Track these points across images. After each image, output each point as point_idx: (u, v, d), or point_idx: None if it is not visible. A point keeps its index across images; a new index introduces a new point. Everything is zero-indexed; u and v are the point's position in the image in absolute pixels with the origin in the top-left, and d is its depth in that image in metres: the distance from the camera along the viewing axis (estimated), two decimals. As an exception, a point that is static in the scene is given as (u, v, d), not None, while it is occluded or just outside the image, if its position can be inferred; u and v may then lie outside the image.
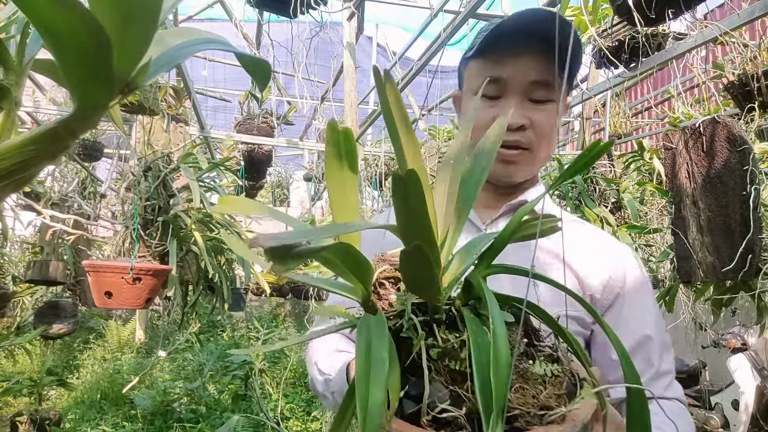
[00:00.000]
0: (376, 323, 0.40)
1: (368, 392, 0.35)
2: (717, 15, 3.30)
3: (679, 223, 1.58)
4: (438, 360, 0.41)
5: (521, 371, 0.41)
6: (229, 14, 3.20)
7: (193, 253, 2.05)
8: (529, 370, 0.41)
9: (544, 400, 0.39)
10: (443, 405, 0.38)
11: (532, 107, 0.83)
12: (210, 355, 4.97)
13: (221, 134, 3.63)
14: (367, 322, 0.41)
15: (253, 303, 8.04)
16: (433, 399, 0.39)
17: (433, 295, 0.42)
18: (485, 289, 0.41)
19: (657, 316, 0.86)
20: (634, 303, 0.84)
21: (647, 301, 0.86)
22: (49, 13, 0.23)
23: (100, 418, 4.19)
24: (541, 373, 0.41)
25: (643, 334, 0.82)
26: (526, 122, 0.83)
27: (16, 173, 0.28)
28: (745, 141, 1.45)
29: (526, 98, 0.83)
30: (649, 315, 0.84)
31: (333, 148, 0.43)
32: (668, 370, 0.83)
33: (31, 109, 3.56)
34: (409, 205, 0.35)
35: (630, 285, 0.85)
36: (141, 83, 0.29)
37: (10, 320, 3.68)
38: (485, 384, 0.36)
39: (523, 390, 0.40)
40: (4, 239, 3.18)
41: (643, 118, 5.29)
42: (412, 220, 0.36)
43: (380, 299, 0.46)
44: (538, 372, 0.41)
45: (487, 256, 0.46)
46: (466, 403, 0.39)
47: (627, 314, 0.83)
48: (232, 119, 4.33)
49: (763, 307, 1.72)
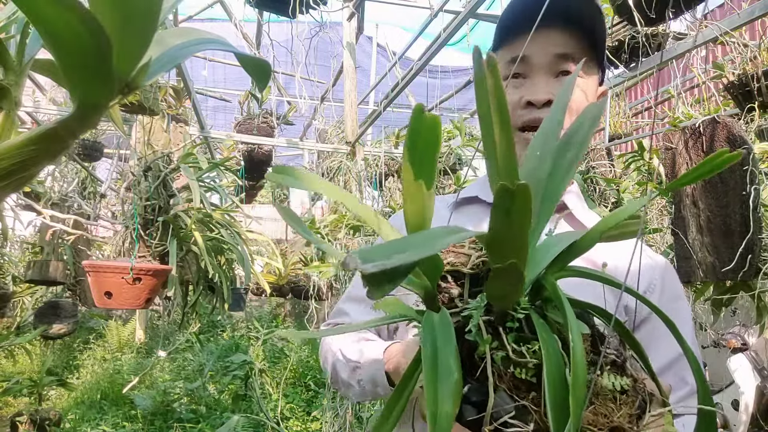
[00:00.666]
0: (441, 323, 0.37)
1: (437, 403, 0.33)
2: (717, 15, 3.30)
3: (679, 223, 1.58)
4: (502, 365, 0.38)
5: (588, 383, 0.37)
6: (229, 14, 3.20)
7: (193, 253, 2.05)
8: (597, 383, 0.38)
9: (617, 421, 0.36)
10: (507, 417, 0.36)
11: (557, 82, 0.78)
12: (210, 355, 4.97)
13: (221, 134, 3.63)
14: (431, 319, 0.38)
15: (253, 303, 8.04)
16: (497, 410, 0.37)
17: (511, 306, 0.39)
18: (561, 295, 0.38)
19: (693, 332, 0.81)
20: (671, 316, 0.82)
21: (684, 314, 0.81)
22: (48, 13, 0.23)
23: (100, 418, 4.19)
24: (611, 388, 0.38)
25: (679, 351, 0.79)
26: (551, 97, 0.76)
27: (16, 173, 0.28)
28: (745, 141, 1.45)
29: (552, 74, 0.78)
30: (687, 329, 0.79)
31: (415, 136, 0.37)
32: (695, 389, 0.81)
33: (31, 109, 3.56)
34: (511, 219, 0.32)
35: (667, 297, 0.81)
36: (141, 83, 0.29)
37: (10, 320, 3.68)
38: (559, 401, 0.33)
39: (594, 406, 0.37)
40: (4, 239, 3.18)
41: (643, 118, 5.29)
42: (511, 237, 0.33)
43: (440, 292, 0.43)
44: (606, 386, 0.38)
45: (564, 258, 0.42)
46: (532, 416, 0.36)
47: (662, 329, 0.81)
48: (232, 119, 4.34)
49: (763, 307, 1.72)
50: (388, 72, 2.75)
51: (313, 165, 6.55)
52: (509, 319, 0.39)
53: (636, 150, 2.82)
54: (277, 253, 2.90)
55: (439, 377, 0.34)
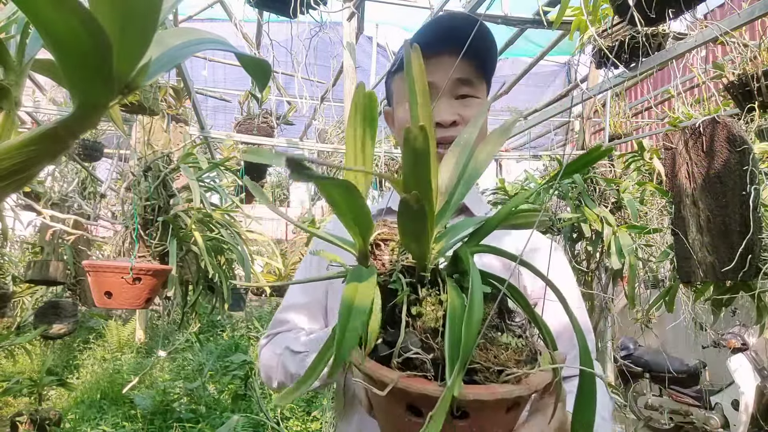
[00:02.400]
0: (367, 272, 0.45)
1: (348, 322, 0.41)
2: (717, 15, 3.30)
3: (679, 223, 1.58)
4: (417, 317, 0.46)
5: (489, 338, 0.46)
6: (229, 14, 3.20)
7: (193, 253, 2.05)
8: (496, 338, 0.46)
9: (504, 360, 0.44)
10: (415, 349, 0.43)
11: (459, 104, 0.89)
12: (210, 355, 4.97)
13: (221, 134, 3.63)
14: (359, 270, 0.45)
15: (253, 303, 8.04)
16: (406, 345, 0.44)
17: (423, 250, 0.46)
18: (471, 262, 0.45)
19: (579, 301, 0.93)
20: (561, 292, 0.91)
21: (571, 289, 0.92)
22: (49, 14, 0.23)
23: (100, 418, 4.19)
24: (506, 341, 0.46)
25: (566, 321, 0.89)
26: (456, 118, 0.88)
27: (16, 173, 0.28)
28: (745, 141, 1.45)
29: (453, 96, 0.89)
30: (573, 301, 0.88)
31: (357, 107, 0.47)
32: None
33: (31, 109, 3.56)
34: (417, 154, 0.38)
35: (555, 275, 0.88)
36: (141, 83, 0.29)
37: (10, 320, 3.68)
38: (455, 336, 0.40)
39: (487, 350, 0.44)
40: (4, 239, 3.18)
41: (643, 118, 5.29)
42: (416, 171, 0.40)
43: (375, 258, 0.50)
44: (503, 341, 0.46)
45: (476, 236, 0.51)
46: (434, 352, 0.43)
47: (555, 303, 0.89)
48: (232, 119, 4.34)
49: (763, 307, 1.72)
50: (388, 72, 2.74)
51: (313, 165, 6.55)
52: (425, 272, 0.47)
53: (636, 150, 2.82)
54: (277, 253, 2.90)
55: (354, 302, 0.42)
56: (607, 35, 2.52)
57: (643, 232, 2.34)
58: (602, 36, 2.53)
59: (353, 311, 0.41)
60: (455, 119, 0.88)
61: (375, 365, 0.43)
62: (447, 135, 0.88)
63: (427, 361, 0.43)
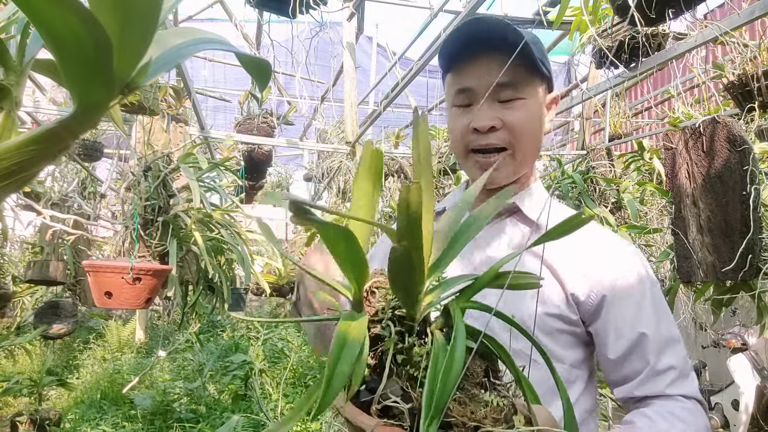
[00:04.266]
0: (359, 318, 0.46)
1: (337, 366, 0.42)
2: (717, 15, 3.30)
3: (679, 223, 1.58)
4: (402, 365, 0.47)
5: (471, 395, 0.46)
6: (229, 14, 3.20)
7: (193, 253, 2.05)
8: (477, 395, 0.46)
9: (480, 417, 0.44)
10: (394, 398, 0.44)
11: (501, 108, 0.86)
12: (210, 355, 4.97)
13: (221, 134, 3.63)
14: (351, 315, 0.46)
15: (253, 303, 8.04)
16: (386, 393, 0.45)
17: (411, 301, 0.47)
18: (458, 318, 0.46)
19: (658, 313, 0.84)
20: (627, 303, 0.83)
21: (645, 298, 0.84)
22: (49, 14, 0.23)
23: (100, 418, 4.19)
24: (487, 399, 0.46)
25: (639, 333, 0.81)
26: (496, 123, 0.85)
27: (16, 173, 0.28)
28: (745, 141, 1.45)
29: (495, 101, 0.86)
30: (647, 312, 0.83)
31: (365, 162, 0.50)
32: (669, 366, 0.81)
33: (31, 109, 3.55)
34: (410, 211, 0.40)
35: (622, 285, 0.84)
36: (141, 83, 0.29)
37: (10, 320, 3.68)
38: (432, 388, 0.41)
39: (465, 405, 0.44)
40: (4, 239, 3.18)
41: (643, 118, 5.29)
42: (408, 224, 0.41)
43: (369, 305, 0.51)
44: (485, 398, 0.46)
45: (466, 293, 0.51)
46: (413, 402, 0.44)
47: (618, 316, 0.83)
48: (232, 119, 4.34)
49: (763, 307, 1.72)
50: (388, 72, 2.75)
51: (313, 165, 6.56)
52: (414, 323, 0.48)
53: (636, 150, 2.82)
54: (277, 253, 2.90)
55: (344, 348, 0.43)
56: (607, 35, 2.52)
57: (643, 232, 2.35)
58: (602, 36, 2.53)
59: (343, 355, 0.42)
60: (494, 124, 0.85)
61: (355, 410, 0.44)
62: (484, 142, 0.87)
63: (405, 411, 0.43)
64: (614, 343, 0.82)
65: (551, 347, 0.83)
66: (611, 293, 0.83)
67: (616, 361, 0.83)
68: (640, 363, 0.81)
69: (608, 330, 0.83)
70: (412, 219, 0.40)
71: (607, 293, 0.83)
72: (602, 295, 0.83)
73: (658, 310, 0.84)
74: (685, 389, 0.81)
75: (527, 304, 0.83)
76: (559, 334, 0.84)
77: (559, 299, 0.84)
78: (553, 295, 0.84)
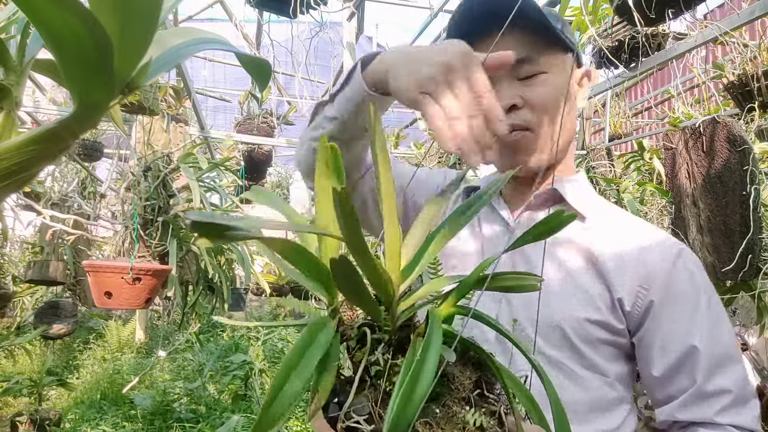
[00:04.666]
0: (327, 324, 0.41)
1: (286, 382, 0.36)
2: (717, 15, 3.30)
3: (679, 223, 1.58)
4: (376, 377, 0.42)
5: (451, 413, 0.40)
6: (229, 14, 3.20)
7: (193, 253, 2.05)
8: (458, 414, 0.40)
9: None
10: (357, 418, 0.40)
11: (521, 86, 0.77)
12: (210, 355, 4.97)
13: (221, 134, 3.63)
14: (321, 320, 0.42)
15: (253, 303, 8.04)
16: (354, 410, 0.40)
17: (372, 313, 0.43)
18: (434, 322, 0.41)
19: (713, 325, 0.73)
20: (678, 311, 0.73)
21: (699, 306, 0.73)
22: (49, 14, 0.23)
23: (100, 418, 4.19)
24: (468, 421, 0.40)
25: (689, 346, 0.71)
26: (517, 101, 0.76)
27: (16, 173, 0.28)
28: (745, 141, 1.45)
29: (514, 79, 0.77)
30: (700, 323, 0.72)
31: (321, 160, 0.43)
32: (722, 389, 0.70)
33: (31, 109, 3.55)
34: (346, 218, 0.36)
35: (673, 289, 0.73)
36: (141, 83, 0.29)
37: (10, 320, 3.68)
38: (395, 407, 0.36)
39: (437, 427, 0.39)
40: (4, 239, 3.18)
41: (643, 118, 5.29)
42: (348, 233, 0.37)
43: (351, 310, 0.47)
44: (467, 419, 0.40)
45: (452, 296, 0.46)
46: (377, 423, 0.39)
47: (665, 326, 0.73)
48: (232, 119, 4.33)
49: (763, 307, 1.72)
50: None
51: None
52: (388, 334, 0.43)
53: (636, 150, 2.82)
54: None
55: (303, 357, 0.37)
56: (607, 35, 2.52)
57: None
58: (602, 36, 2.53)
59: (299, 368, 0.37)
60: (514, 102, 0.75)
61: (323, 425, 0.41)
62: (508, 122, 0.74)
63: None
64: (660, 357, 0.73)
65: (593, 358, 0.73)
66: (660, 298, 0.73)
67: (661, 379, 0.73)
68: (687, 381, 0.71)
69: (654, 341, 0.73)
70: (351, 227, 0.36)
71: (656, 298, 0.73)
72: (650, 300, 0.73)
73: (714, 321, 0.73)
74: (740, 418, 0.69)
75: (563, 308, 0.74)
76: (601, 345, 0.74)
77: (603, 304, 0.74)
78: (596, 298, 0.74)
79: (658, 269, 0.74)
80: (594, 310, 0.73)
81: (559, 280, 0.76)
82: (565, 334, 0.73)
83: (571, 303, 0.74)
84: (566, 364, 0.73)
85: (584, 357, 0.73)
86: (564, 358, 0.73)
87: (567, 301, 0.74)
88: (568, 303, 0.74)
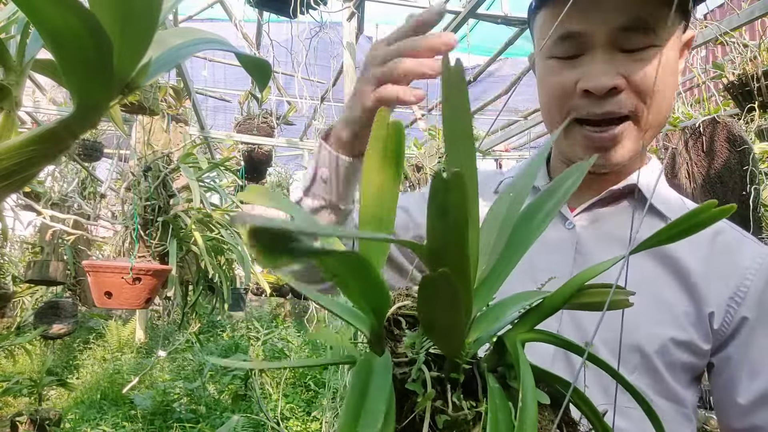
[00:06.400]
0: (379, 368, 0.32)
1: None
2: (717, 15, 3.30)
3: (679, 223, 1.58)
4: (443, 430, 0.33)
5: None
6: (229, 14, 3.20)
7: (193, 253, 2.05)
8: None
9: None
10: None
11: (626, 60, 0.59)
12: (210, 355, 4.97)
13: (221, 134, 3.63)
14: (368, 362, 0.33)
15: (253, 303, 8.04)
16: None
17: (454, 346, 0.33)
18: (521, 357, 0.32)
19: None
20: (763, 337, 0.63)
21: None
22: (49, 13, 0.23)
23: (100, 418, 4.19)
24: None
25: None
26: (620, 82, 0.59)
27: (16, 173, 0.28)
28: (745, 141, 1.45)
29: (616, 50, 0.59)
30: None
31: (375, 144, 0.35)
32: None
33: (31, 109, 3.56)
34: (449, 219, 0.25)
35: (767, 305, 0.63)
36: (141, 83, 0.29)
37: (10, 320, 3.68)
38: None
39: None
40: (4, 239, 3.18)
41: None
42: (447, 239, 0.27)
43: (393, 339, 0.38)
44: None
45: (530, 318, 0.37)
46: None
47: (758, 346, 0.62)
48: (232, 119, 4.33)
49: (763, 307, 1.72)
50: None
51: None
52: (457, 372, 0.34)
53: (636, 150, 2.82)
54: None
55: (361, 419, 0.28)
56: None
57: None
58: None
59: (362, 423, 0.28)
60: (616, 83, 0.59)
61: None
62: (600, 111, 0.60)
63: None
64: (748, 382, 0.62)
65: (671, 385, 0.62)
66: (755, 315, 0.62)
67: (748, 407, 0.62)
68: None
69: (742, 363, 0.62)
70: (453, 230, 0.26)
71: (749, 315, 0.62)
72: (741, 317, 0.62)
73: None
74: None
75: (645, 326, 0.62)
76: (682, 369, 0.63)
77: (689, 322, 0.63)
78: (682, 316, 0.63)
79: (751, 281, 0.63)
80: (679, 329, 0.62)
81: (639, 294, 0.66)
82: (646, 357, 0.61)
83: (655, 320, 0.62)
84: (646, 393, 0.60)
85: (664, 383, 0.62)
86: (643, 386, 0.61)
87: (649, 318, 0.62)
88: (650, 320, 0.62)
